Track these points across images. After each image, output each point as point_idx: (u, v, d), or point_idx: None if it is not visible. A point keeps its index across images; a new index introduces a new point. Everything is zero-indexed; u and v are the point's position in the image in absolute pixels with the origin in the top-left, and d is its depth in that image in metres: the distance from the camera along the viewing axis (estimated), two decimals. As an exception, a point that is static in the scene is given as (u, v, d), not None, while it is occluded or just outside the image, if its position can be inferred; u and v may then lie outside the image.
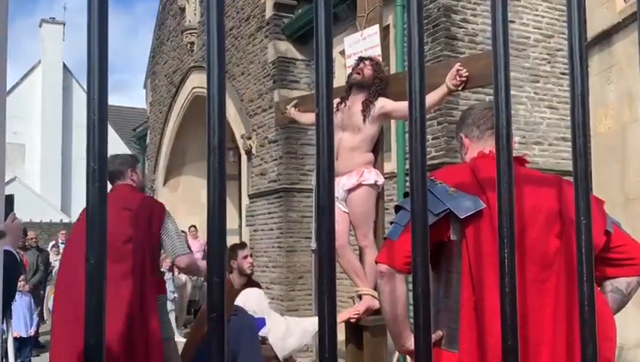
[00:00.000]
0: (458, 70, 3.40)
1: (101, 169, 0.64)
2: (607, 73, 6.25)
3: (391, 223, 1.88)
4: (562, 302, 1.72)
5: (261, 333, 4.39)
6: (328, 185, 0.71)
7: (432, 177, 1.84)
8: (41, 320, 8.04)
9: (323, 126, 0.71)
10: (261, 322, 4.39)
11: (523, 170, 1.90)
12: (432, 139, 6.73)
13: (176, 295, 9.71)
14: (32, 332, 7.09)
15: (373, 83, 3.70)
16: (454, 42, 6.77)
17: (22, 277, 7.00)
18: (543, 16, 7.46)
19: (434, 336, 1.83)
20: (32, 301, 7.29)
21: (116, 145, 25.56)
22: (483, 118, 2.01)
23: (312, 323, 4.57)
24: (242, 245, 5.24)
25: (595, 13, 6.41)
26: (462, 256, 1.78)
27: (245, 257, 4.89)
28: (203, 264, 3.92)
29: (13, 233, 2.67)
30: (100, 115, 0.63)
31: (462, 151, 2.07)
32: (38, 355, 8.02)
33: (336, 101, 3.88)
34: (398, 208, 1.90)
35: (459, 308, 1.78)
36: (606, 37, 6.23)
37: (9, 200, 2.72)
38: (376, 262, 1.87)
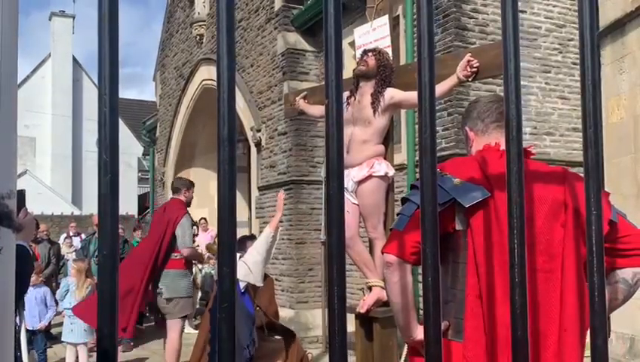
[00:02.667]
0: (469, 61, 3.38)
1: (112, 161, 0.64)
2: (620, 63, 6.19)
3: (397, 214, 1.90)
4: (569, 292, 1.72)
5: (242, 285, 4.58)
6: (337, 173, 0.71)
7: (438, 169, 1.84)
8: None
9: (333, 116, 0.71)
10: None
11: (529, 161, 1.91)
12: (442, 130, 6.70)
13: (187, 286, 9.75)
14: (42, 326, 7.08)
15: (378, 72, 3.71)
16: (465, 32, 6.72)
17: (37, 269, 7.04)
18: (554, 6, 7.38)
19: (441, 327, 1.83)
20: (46, 294, 7.25)
21: (126, 138, 25.63)
22: (488, 112, 2.02)
23: (261, 237, 4.82)
24: (252, 238, 5.32)
25: (607, 1, 6.34)
26: (467, 247, 1.79)
27: None
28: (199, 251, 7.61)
29: (26, 228, 2.70)
30: (110, 107, 0.63)
31: (467, 143, 2.09)
32: (50, 346, 8.09)
33: (345, 95, 3.88)
34: (404, 200, 1.91)
35: (464, 298, 1.80)
36: (619, 26, 6.17)
37: (21, 195, 2.74)
38: (383, 253, 1.89)
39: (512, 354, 0.80)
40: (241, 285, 4.58)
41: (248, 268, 4.57)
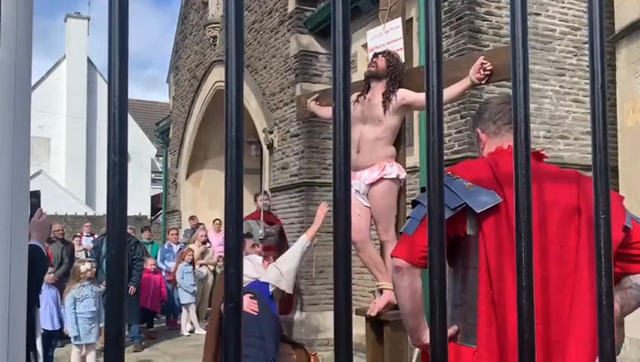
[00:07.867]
0: (482, 63, 3.38)
1: (121, 162, 0.65)
2: (636, 66, 6.13)
3: (407, 218, 1.88)
4: (582, 298, 1.69)
5: (271, 289, 4.60)
6: (344, 177, 0.72)
7: (450, 172, 1.83)
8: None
9: (340, 120, 0.71)
10: (264, 286, 4.55)
11: (541, 165, 1.89)
12: (456, 132, 6.68)
13: (196, 288, 9.78)
14: (58, 326, 7.11)
15: (388, 72, 3.74)
16: (478, 35, 6.70)
17: (50, 269, 7.06)
18: (569, 9, 7.33)
19: (450, 331, 1.82)
20: (58, 294, 7.28)
21: (139, 139, 25.81)
22: (499, 113, 1.99)
23: (296, 245, 4.83)
24: (248, 235, 5.83)
25: (622, 4, 6.29)
26: (478, 251, 1.77)
27: (253, 246, 5.46)
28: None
29: (41, 229, 2.71)
30: (120, 109, 0.64)
31: (479, 146, 2.06)
32: (62, 346, 8.15)
33: (356, 94, 3.89)
34: (415, 203, 1.89)
35: (475, 303, 1.77)
36: (634, 29, 6.11)
37: (36, 196, 2.76)
38: (392, 257, 1.88)
39: (519, 357, 0.80)
40: (270, 289, 4.56)
41: (280, 272, 4.55)
